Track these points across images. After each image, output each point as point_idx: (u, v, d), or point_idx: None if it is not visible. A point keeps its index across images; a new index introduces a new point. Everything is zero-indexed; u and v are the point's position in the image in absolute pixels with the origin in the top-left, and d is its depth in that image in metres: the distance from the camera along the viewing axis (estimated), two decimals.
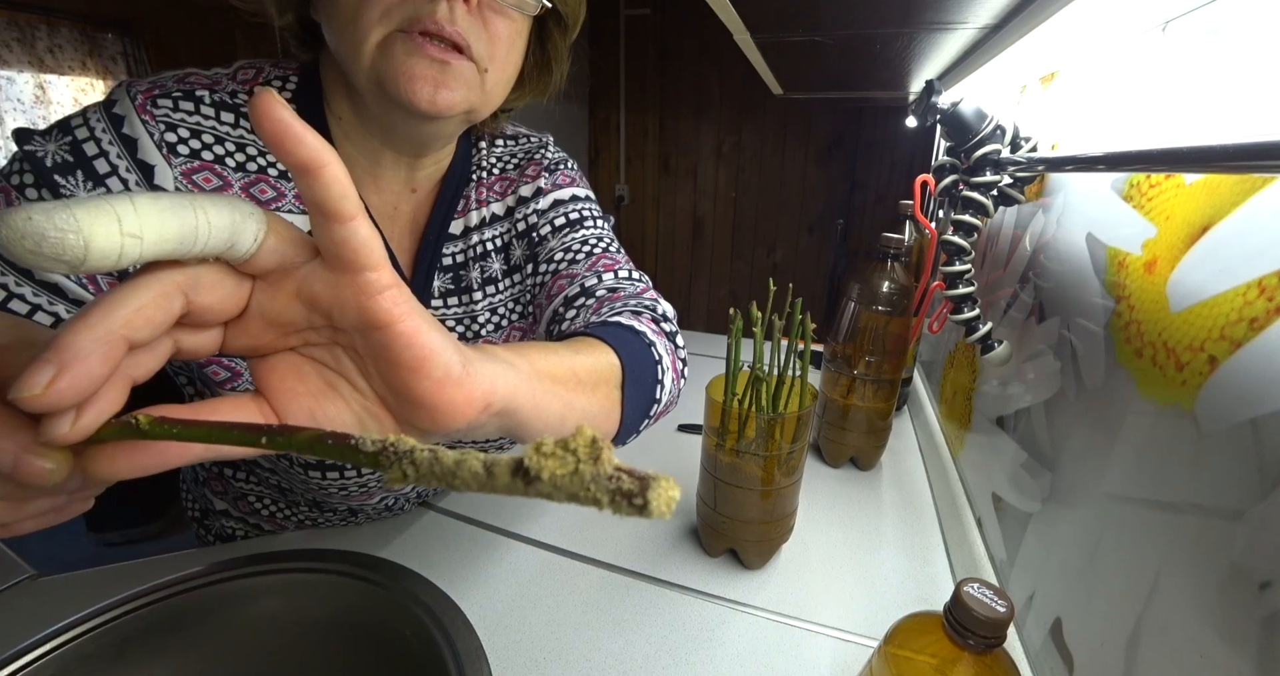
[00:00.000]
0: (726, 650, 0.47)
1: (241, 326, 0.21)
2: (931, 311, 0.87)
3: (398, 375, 0.21)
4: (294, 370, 0.22)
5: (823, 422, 0.75)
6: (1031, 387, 0.52)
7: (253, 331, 0.21)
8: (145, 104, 0.40)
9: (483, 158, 0.55)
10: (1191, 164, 0.28)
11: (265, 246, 0.19)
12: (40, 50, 3.02)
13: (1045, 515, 0.46)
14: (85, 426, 0.17)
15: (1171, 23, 0.39)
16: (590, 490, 0.14)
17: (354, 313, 0.20)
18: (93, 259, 0.15)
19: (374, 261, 0.20)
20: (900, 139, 2.35)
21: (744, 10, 0.45)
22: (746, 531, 0.54)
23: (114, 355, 0.17)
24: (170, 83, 0.42)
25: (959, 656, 0.31)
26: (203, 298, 0.19)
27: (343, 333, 0.22)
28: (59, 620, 0.44)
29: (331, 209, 0.19)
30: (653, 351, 0.42)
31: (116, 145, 0.39)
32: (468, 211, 0.53)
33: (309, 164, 0.18)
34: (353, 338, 0.22)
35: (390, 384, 0.22)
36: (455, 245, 0.53)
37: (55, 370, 0.16)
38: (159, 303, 0.18)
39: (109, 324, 0.17)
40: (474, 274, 0.53)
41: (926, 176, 0.70)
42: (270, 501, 0.60)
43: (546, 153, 0.58)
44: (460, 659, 0.42)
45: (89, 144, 0.39)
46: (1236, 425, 0.27)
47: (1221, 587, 0.26)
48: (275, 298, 0.21)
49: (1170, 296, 0.34)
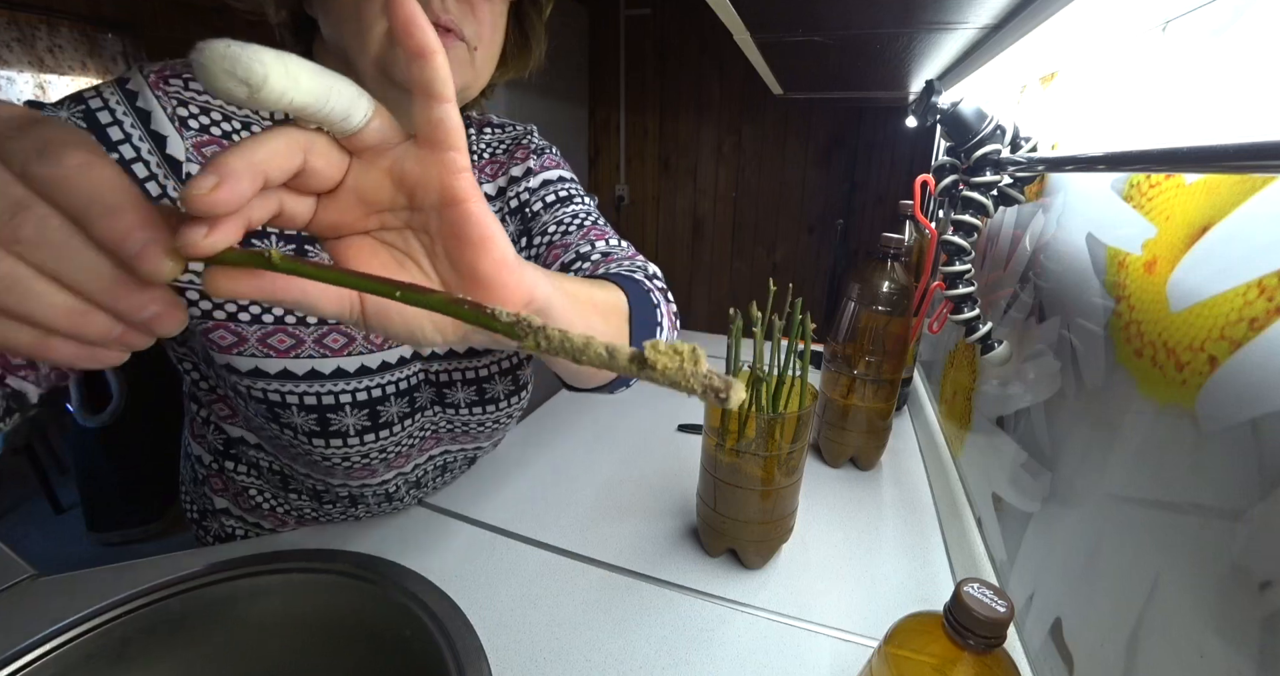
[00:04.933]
0: (726, 650, 0.47)
1: (334, 200, 0.24)
2: (931, 311, 0.87)
3: (465, 251, 0.25)
4: (368, 250, 0.25)
5: (823, 422, 0.75)
6: (1031, 388, 0.52)
7: (342, 206, 0.24)
8: (159, 82, 0.43)
9: (473, 143, 0.60)
10: (1191, 164, 0.28)
11: (372, 124, 0.23)
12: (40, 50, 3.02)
13: (1045, 515, 0.46)
14: (215, 242, 0.20)
15: (1171, 23, 0.39)
16: (689, 382, 0.18)
17: (435, 189, 0.24)
18: (267, 88, 0.19)
19: (459, 143, 0.23)
20: (900, 139, 2.35)
21: (744, 10, 0.45)
22: (746, 531, 0.54)
23: (256, 182, 0.20)
24: (178, 66, 0.45)
25: (959, 656, 0.31)
26: (315, 160, 0.22)
27: (419, 214, 0.25)
28: (59, 620, 0.44)
29: (436, 90, 0.22)
30: (651, 297, 0.46)
31: (131, 116, 0.42)
32: None
33: (425, 48, 0.21)
34: (427, 218, 0.25)
35: (456, 260, 0.25)
36: None
37: (217, 180, 0.19)
38: (288, 151, 0.21)
39: (255, 156, 0.20)
40: None
41: (926, 176, 0.70)
42: (270, 494, 0.60)
43: (533, 139, 0.63)
44: (460, 659, 0.42)
45: (102, 112, 0.41)
46: (1236, 425, 0.27)
47: (1221, 587, 0.26)
48: (369, 174, 0.24)
49: (1170, 296, 0.34)
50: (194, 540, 0.67)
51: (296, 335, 0.48)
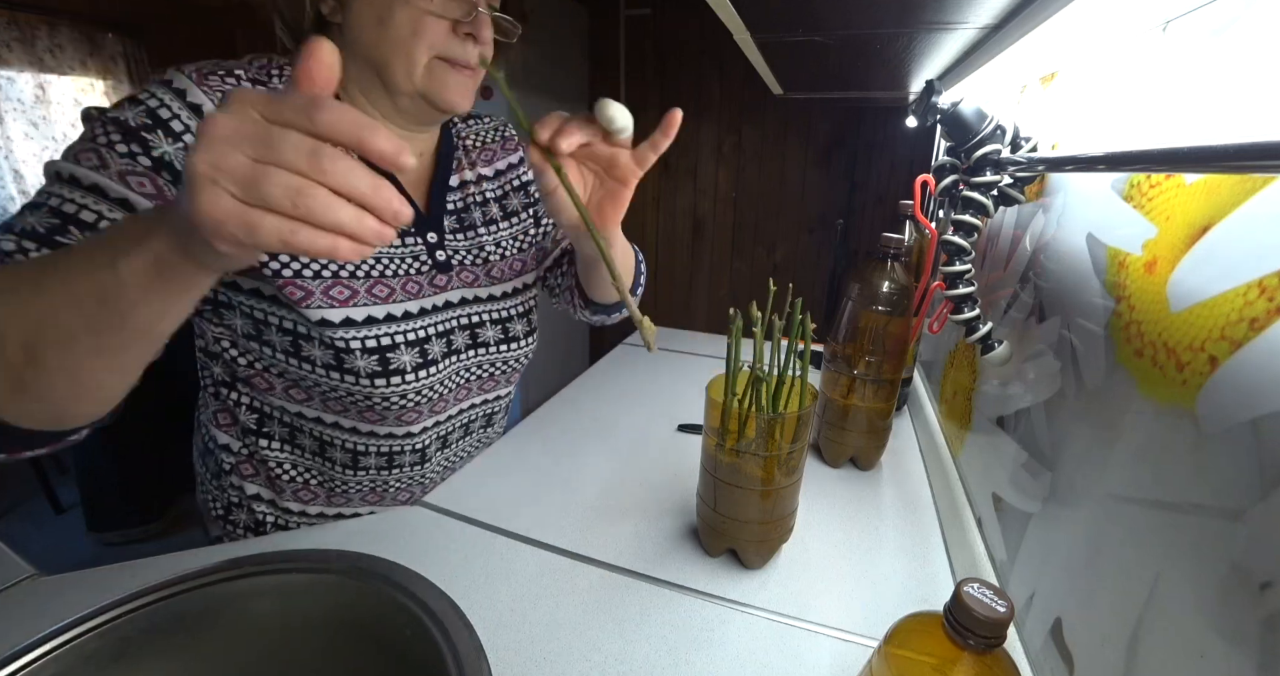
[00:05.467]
0: (726, 650, 0.48)
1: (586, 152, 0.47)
2: (931, 311, 0.87)
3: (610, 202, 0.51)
4: (576, 168, 0.48)
5: (823, 422, 0.75)
6: (1031, 388, 0.52)
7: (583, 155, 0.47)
8: (200, 79, 0.50)
9: (459, 132, 0.72)
10: (1191, 164, 0.28)
11: (625, 132, 0.44)
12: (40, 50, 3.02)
13: (1045, 515, 0.46)
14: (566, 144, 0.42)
15: (1171, 23, 0.39)
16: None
17: (623, 170, 0.48)
18: (626, 129, 0.43)
19: (647, 163, 0.48)
20: (900, 139, 2.34)
21: (744, 10, 0.45)
22: (746, 531, 0.54)
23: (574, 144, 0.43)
24: (209, 66, 0.52)
25: (959, 656, 0.31)
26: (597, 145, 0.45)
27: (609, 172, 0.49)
28: (59, 620, 0.44)
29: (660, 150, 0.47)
30: (642, 267, 0.75)
31: (185, 110, 0.49)
32: (461, 170, 0.70)
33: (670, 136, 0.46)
34: (607, 177, 0.50)
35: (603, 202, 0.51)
36: (455, 195, 0.68)
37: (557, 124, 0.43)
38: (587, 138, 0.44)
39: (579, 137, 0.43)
40: (475, 215, 0.69)
41: (926, 176, 0.70)
42: (304, 468, 0.66)
43: (510, 130, 0.78)
44: (460, 659, 0.42)
45: (162, 109, 0.48)
46: (1237, 425, 0.27)
47: (1221, 587, 0.26)
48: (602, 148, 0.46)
49: (1170, 296, 0.33)
50: (197, 540, 0.68)
51: (351, 287, 0.57)
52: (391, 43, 0.53)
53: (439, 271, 0.65)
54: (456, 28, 0.54)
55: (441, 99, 0.56)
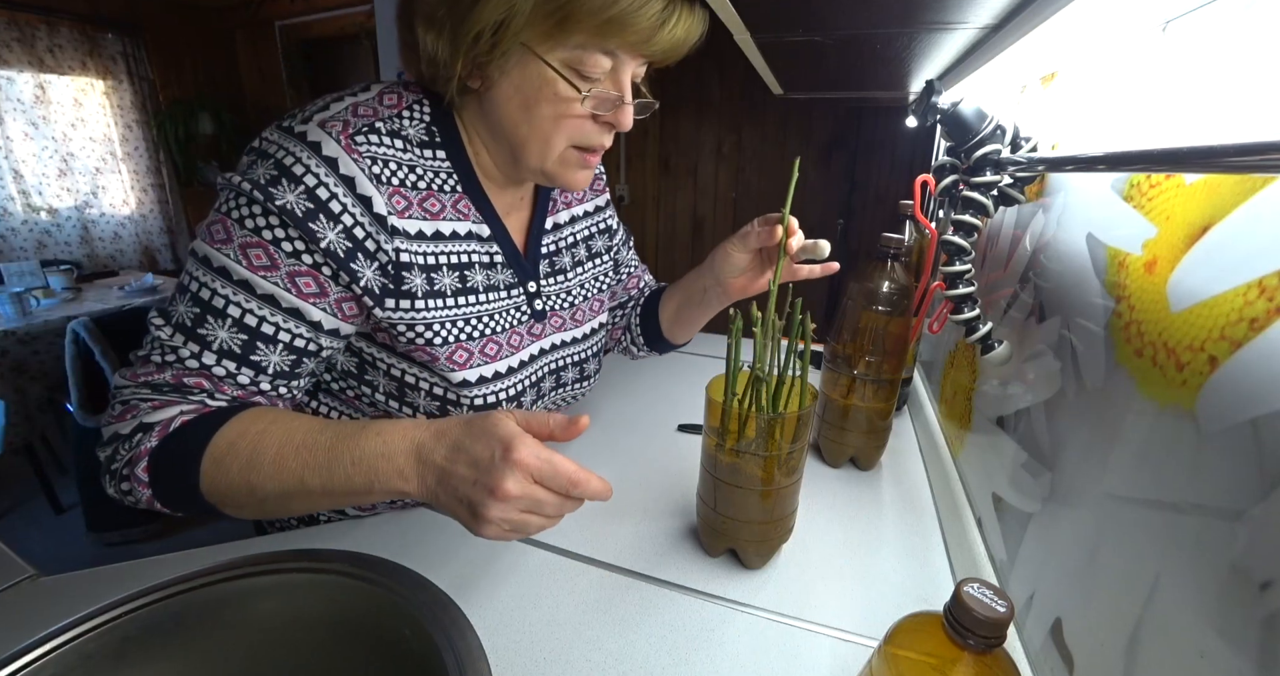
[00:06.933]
0: (726, 650, 0.48)
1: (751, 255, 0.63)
2: (931, 311, 0.87)
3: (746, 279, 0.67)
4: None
5: (823, 422, 0.75)
6: (1031, 388, 0.52)
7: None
8: (349, 144, 0.48)
9: None
10: (1191, 164, 0.28)
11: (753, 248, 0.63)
12: (40, 50, 3.03)
13: (1045, 515, 0.46)
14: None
15: (1171, 23, 0.39)
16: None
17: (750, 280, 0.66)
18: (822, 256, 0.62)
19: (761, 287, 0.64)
20: (900, 139, 2.35)
21: (744, 10, 0.45)
22: (746, 531, 0.54)
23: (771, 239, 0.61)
24: (349, 116, 0.50)
25: (959, 656, 0.31)
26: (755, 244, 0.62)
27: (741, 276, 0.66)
28: (59, 620, 0.44)
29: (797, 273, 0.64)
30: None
31: (341, 186, 0.48)
32: (556, 211, 0.70)
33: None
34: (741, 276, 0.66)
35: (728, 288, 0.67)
36: (549, 237, 0.68)
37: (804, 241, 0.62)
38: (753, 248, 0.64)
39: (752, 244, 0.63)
40: (565, 259, 0.70)
41: (926, 176, 0.70)
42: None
43: (600, 168, 0.79)
44: (460, 659, 0.42)
45: (320, 189, 0.47)
46: (1236, 425, 0.27)
47: (1221, 587, 0.26)
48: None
49: (1170, 296, 0.34)
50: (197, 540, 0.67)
51: (468, 348, 0.58)
52: (532, 128, 0.51)
53: (535, 320, 0.65)
54: (598, 116, 0.52)
55: (564, 182, 0.56)
